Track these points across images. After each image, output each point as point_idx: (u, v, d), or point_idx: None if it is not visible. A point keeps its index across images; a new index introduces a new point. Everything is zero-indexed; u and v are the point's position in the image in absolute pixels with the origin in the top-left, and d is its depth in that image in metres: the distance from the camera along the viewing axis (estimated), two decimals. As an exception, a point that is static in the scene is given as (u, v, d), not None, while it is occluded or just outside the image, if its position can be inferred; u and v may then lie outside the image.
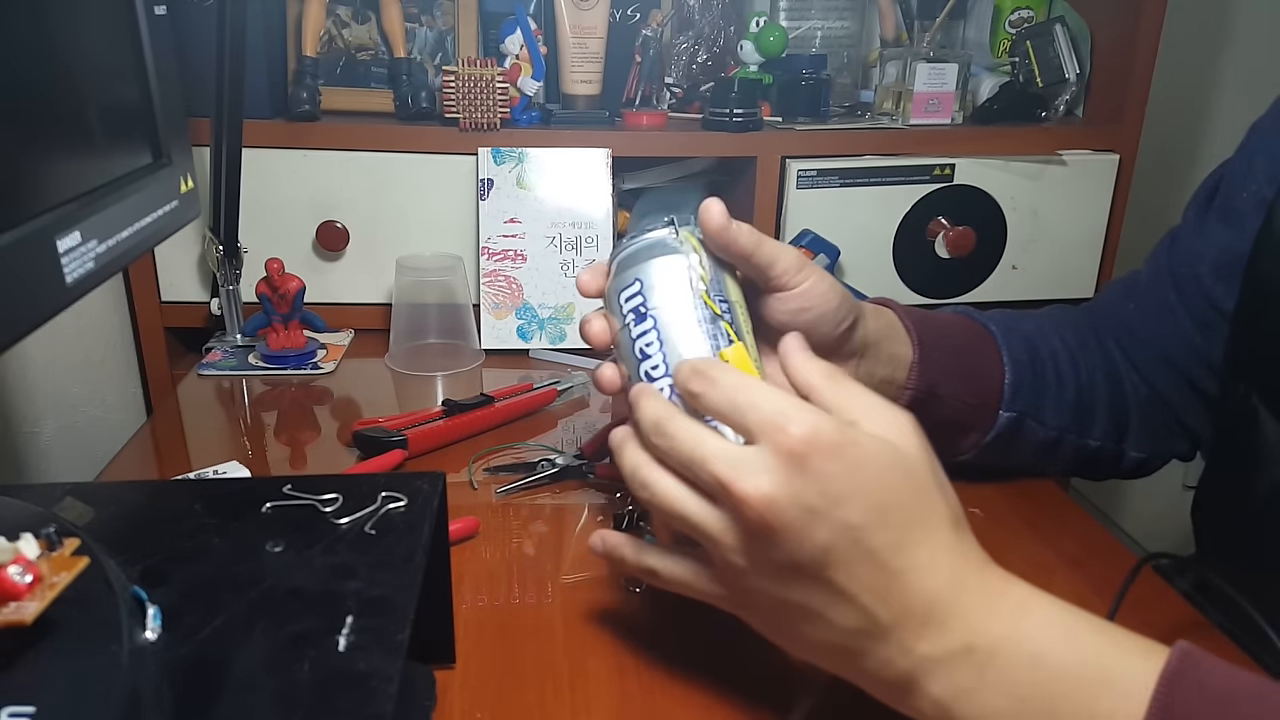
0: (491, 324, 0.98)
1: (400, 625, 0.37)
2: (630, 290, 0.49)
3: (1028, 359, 0.65)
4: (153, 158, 0.54)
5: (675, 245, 0.50)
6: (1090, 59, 1.12)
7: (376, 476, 0.48)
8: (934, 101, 1.07)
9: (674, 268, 0.49)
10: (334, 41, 1.04)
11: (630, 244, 0.51)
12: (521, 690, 0.50)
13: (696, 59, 1.13)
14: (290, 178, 0.98)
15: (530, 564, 0.62)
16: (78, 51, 0.47)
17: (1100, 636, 0.38)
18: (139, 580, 0.38)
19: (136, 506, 0.46)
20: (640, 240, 0.51)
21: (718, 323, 0.48)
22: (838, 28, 1.18)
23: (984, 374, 0.64)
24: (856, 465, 0.39)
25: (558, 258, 0.98)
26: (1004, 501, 0.70)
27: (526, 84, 1.01)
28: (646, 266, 0.50)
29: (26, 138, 0.42)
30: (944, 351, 0.62)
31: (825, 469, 0.39)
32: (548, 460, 0.73)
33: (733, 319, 0.48)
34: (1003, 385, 0.64)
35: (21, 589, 0.32)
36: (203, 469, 0.71)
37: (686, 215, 0.52)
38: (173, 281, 1.01)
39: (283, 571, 0.40)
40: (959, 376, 0.62)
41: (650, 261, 0.50)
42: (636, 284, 0.49)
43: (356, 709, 0.33)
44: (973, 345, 0.65)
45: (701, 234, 0.50)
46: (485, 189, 0.97)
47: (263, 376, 0.91)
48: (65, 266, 0.43)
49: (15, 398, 0.84)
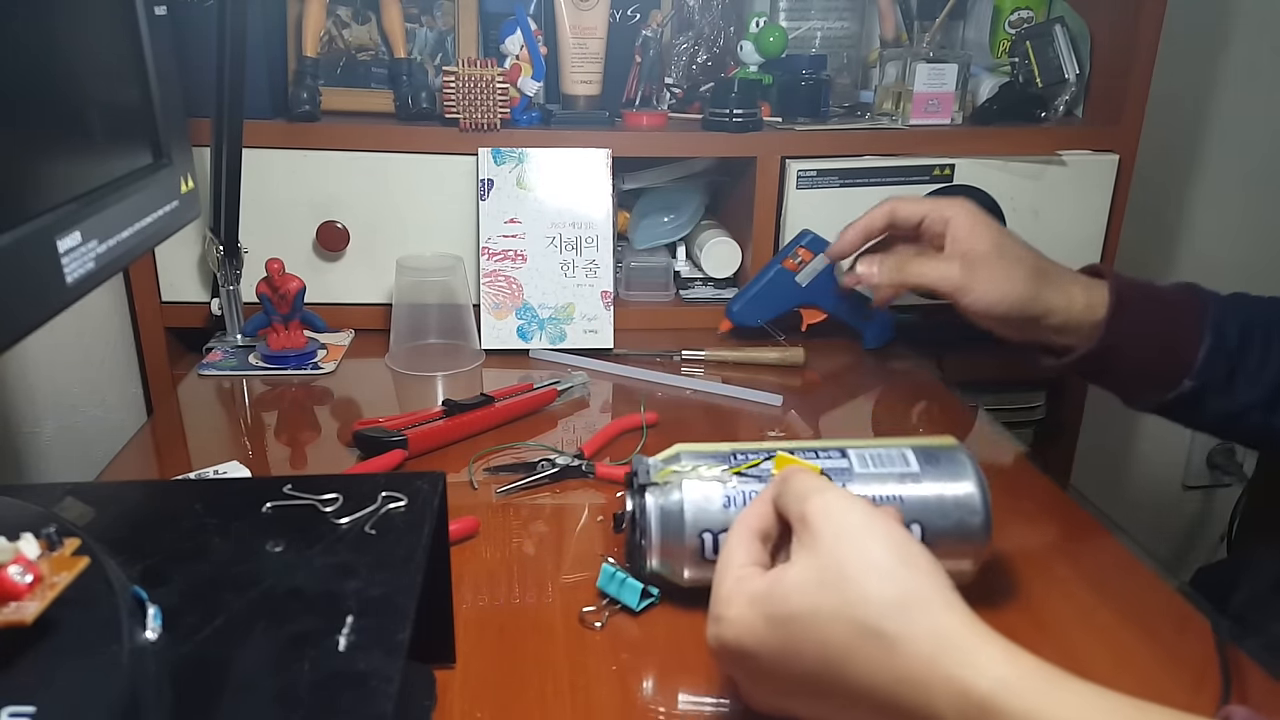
0: (491, 324, 0.98)
1: (400, 625, 0.37)
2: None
3: (1236, 332, 0.68)
4: (153, 158, 0.54)
5: None
6: (1090, 59, 1.12)
7: (376, 476, 0.48)
8: (934, 102, 1.07)
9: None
10: (334, 42, 1.04)
11: None
12: (521, 690, 0.50)
13: (696, 59, 1.13)
14: (290, 178, 0.98)
15: (530, 564, 0.62)
16: (78, 51, 0.47)
17: (1145, 712, 0.36)
18: (139, 580, 0.38)
19: (137, 506, 0.46)
20: None
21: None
22: (837, 28, 1.18)
23: (1178, 344, 0.68)
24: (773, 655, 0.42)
25: (558, 258, 0.98)
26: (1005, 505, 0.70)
27: (526, 84, 1.01)
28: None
29: (27, 138, 0.42)
30: (1135, 321, 0.68)
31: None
32: (548, 460, 0.73)
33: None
34: (1196, 356, 0.67)
35: (22, 589, 0.32)
36: (203, 469, 0.71)
37: None
38: (173, 282, 1.01)
39: (283, 571, 0.40)
40: (1145, 342, 0.68)
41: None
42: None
43: (356, 709, 0.33)
44: (1174, 316, 0.69)
45: None
46: (485, 189, 0.97)
47: (263, 376, 0.91)
48: (65, 266, 0.43)
49: (15, 398, 0.84)
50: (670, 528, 0.54)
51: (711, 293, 1.09)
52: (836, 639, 0.39)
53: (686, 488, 0.54)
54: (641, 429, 0.80)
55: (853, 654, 0.39)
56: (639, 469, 0.57)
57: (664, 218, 1.10)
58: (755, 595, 0.42)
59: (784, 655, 0.41)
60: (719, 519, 0.53)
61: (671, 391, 0.90)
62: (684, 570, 0.55)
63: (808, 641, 0.40)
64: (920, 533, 0.53)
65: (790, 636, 0.41)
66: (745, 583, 0.43)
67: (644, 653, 0.53)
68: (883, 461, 0.55)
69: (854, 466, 0.55)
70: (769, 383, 0.92)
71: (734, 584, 0.44)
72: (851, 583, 0.40)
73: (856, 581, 0.40)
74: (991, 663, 0.37)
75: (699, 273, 1.09)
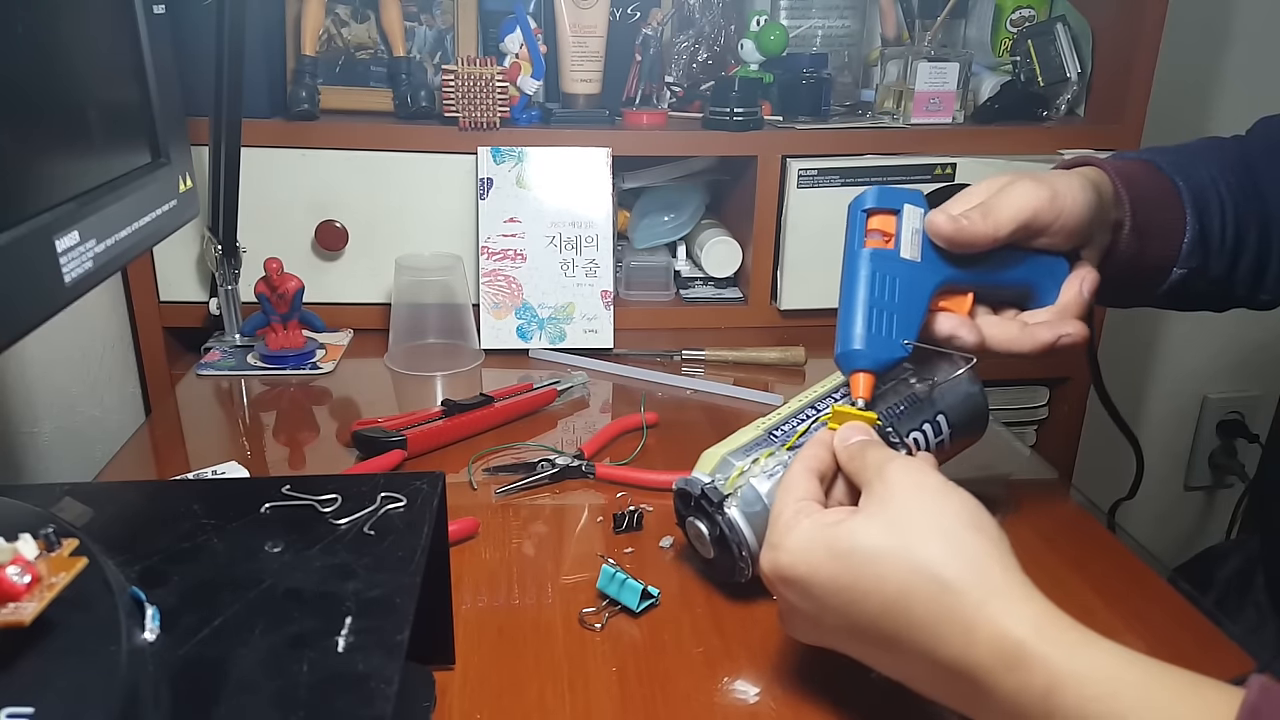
0: (491, 324, 0.97)
1: (400, 626, 0.37)
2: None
3: (1201, 214, 0.65)
4: (151, 157, 0.54)
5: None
6: (1092, 58, 1.12)
7: (376, 477, 0.48)
8: (935, 100, 1.06)
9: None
10: (333, 40, 1.03)
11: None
12: (521, 691, 0.50)
13: (697, 58, 1.13)
14: (289, 177, 0.97)
15: (530, 564, 0.61)
16: (76, 50, 0.47)
17: (1172, 672, 0.37)
18: (137, 581, 0.38)
19: (135, 507, 0.46)
20: None
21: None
22: (838, 26, 1.18)
23: (1168, 235, 0.64)
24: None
25: (557, 257, 0.98)
26: (1006, 505, 0.70)
27: (526, 83, 1.01)
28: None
29: (25, 137, 0.41)
30: (1143, 216, 0.62)
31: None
32: (547, 460, 0.72)
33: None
34: (1181, 244, 0.64)
35: (20, 589, 0.32)
36: (201, 469, 0.71)
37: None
38: (171, 281, 1.00)
39: (282, 572, 0.40)
40: (1145, 237, 0.63)
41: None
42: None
43: (356, 710, 0.32)
44: (1163, 201, 0.64)
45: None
46: (485, 188, 0.97)
47: (261, 376, 0.91)
48: (64, 266, 0.42)
49: (14, 398, 0.84)
50: (761, 527, 0.54)
51: (712, 292, 1.09)
52: (894, 577, 0.41)
53: (758, 485, 0.55)
54: (641, 429, 0.80)
55: (907, 594, 0.41)
56: (704, 490, 0.56)
57: (664, 217, 1.10)
58: (818, 526, 0.44)
59: (837, 587, 0.43)
60: None
61: (671, 391, 0.90)
62: None
63: (865, 577, 0.42)
64: (946, 422, 0.60)
65: (848, 569, 0.43)
66: (805, 515, 0.45)
67: (644, 654, 0.53)
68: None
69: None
70: (771, 383, 0.91)
71: (793, 515, 0.46)
72: (918, 532, 0.42)
73: (923, 533, 0.42)
74: (1034, 614, 0.39)
75: (699, 272, 1.09)
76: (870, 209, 0.57)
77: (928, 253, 0.56)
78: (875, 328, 0.54)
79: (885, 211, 0.56)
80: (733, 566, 0.56)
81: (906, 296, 0.55)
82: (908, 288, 0.55)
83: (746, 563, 0.55)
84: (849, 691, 0.50)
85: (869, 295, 0.54)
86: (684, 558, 0.62)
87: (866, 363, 0.54)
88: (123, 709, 0.31)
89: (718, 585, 0.59)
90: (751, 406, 0.86)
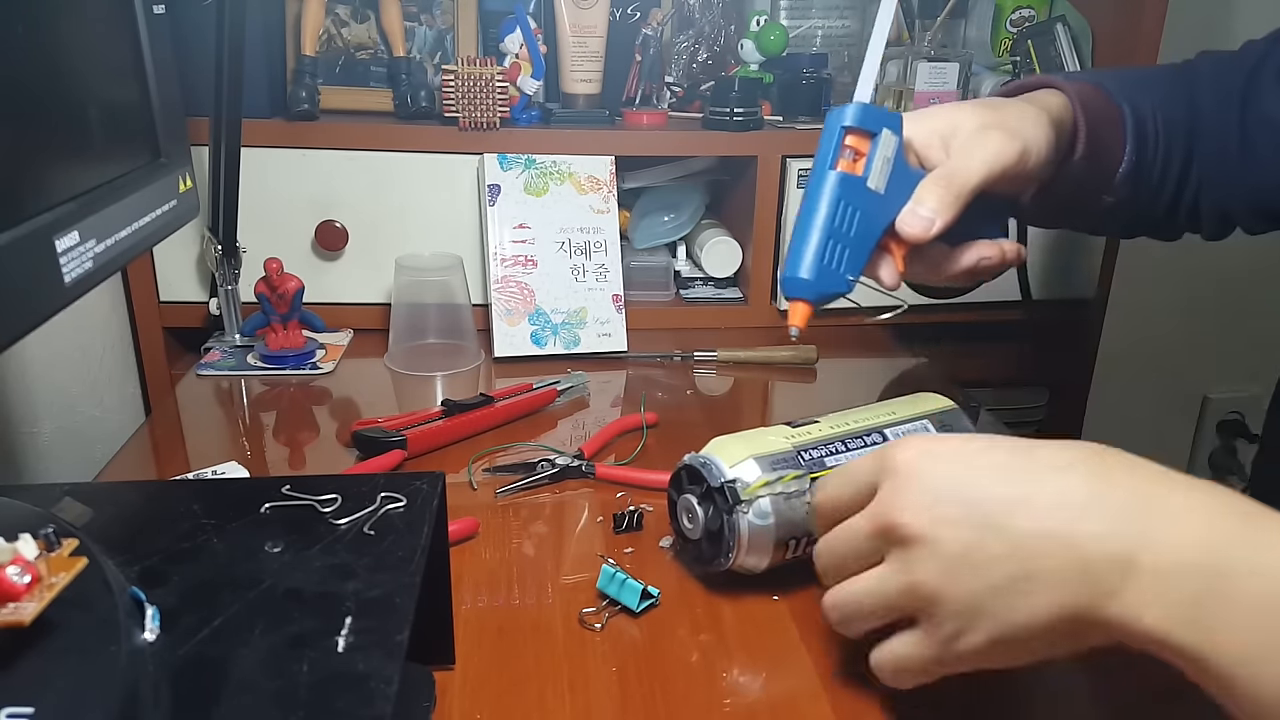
0: (505, 330, 0.96)
1: (399, 626, 0.37)
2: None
3: (1140, 146, 0.65)
4: (151, 157, 0.54)
5: None
6: (1091, 58, 1.12)
7: (376, 477, 0.48)
8: (935, 101, 1.06)
9: None
10: (333, 40, 1.03)
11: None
12: (521, 692, 0.50)
13: (697, 58, 1.13)
14: (289, 177, 0.97)
15: (530, 564, 0.61)
16: (76, 50, 0.47)
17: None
18: (137, 581, 0.38)
19: (135, 507, 0.46)
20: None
21: None
22: (838, 26, 1.18)
23: (1108, 161, 0.64)
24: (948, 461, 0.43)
25: (568, 262, 0.98)
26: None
27: (526, 83, 1.01)
28: None
29: (25, 137, 0.41)
30: (1094, 144, 0.62)
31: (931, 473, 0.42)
32: (548, 460, 0.72)
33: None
34: (1117, 171, 0.63)
35: (20, 589, 0.32)
36: (201, 469, 0.71)
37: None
38: (171, 281, 1.00)
39: (281, 572, 0.40)
40: (1091, 161, 0.62)
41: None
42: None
43: (356, 710, 0.32)
44: (1108, 130, 0.63)
45: None
46: (493, 195, 0.97)
47: (261, 377, 0.91)
48: (64, 266, 0.42)
49: (14, 398, 0.84)
50: (759, 542, 0.55)
51: (712, 292, 1.09)
52: (1019, 474, 0.41)
53: (775, 504, 0.54)
54: (642, 429, 0.80)
55: (1034, 483, 0.41)
56: (724, 485, 0.55)
57: (664, 217, 1.10)
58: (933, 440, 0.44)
59: (959, 474, 0.42)
60: (804, 527, 0.55)
61: (671, 391, 0.90)
62: (762, 565, 0.57)
63: (986, 475, 0.42)
64: None
65: (971, 465, 0.42)
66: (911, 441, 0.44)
67: (644, 654, 0.53)
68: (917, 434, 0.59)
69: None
70: (779, 383, 0.91)
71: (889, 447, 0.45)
72: (1041, 462, 0.42)
73: (1044, 461, 0.42)
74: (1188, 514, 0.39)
75: (699, 272, 1.09)
76: (849, 126, 0.55)
77: (892, 184, 0.55)
78: (826, 259, 0.54)
79: (862, 133, 0.55)
80: (709, 558, 0.57)
81: (862, 231, 0.55)
82: (865, 221, 0.55)
83: (724, 562, 0.56)
84: (849, 691, 0.50)
85: (827, 224, 0.54)
86: (684, 558, 0.62)
87: (810, 294, 0.55)
88: (122, 709, 0.31)
89: (718, 585, 0.59)
90: (751, 407, 0.86)
